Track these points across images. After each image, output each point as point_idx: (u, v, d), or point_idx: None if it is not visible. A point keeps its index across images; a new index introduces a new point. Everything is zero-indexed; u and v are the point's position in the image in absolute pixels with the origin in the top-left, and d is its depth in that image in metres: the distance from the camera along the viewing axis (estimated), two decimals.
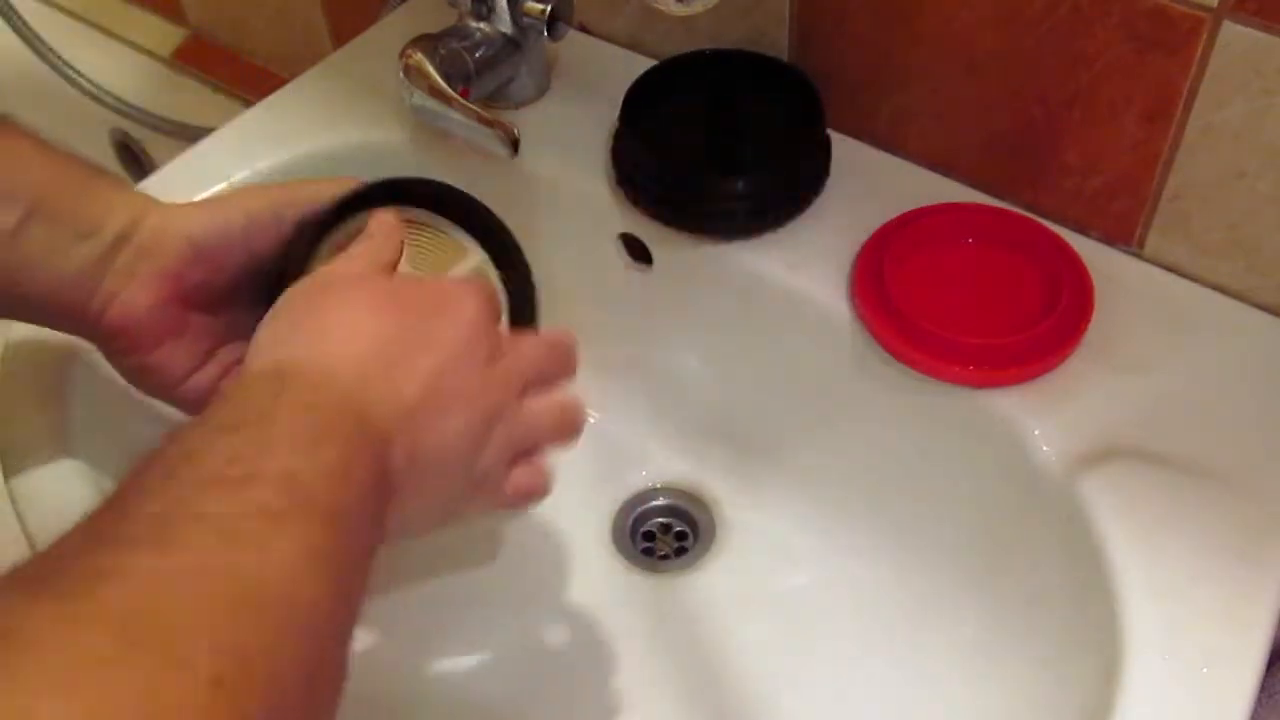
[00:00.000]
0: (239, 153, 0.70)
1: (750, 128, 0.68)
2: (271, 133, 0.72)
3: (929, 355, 0.57)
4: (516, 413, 0.45)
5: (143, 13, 1.18)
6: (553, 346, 0.48)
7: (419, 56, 0.64)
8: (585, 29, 0.77)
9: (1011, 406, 0.56)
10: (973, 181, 0.66)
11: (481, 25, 0.68)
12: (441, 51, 0.65)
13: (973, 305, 0.60)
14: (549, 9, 0.67)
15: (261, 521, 0.33)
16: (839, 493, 0.65)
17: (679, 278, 0.67)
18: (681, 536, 0.68)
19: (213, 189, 0.67)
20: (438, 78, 0.63)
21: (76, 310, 0.49)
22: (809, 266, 0.63)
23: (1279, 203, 0.56)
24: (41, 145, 0.50)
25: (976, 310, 0.59)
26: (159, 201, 0.51)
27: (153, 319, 0.49)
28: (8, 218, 0.47)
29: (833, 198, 0.66)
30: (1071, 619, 0.53)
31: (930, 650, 0.60)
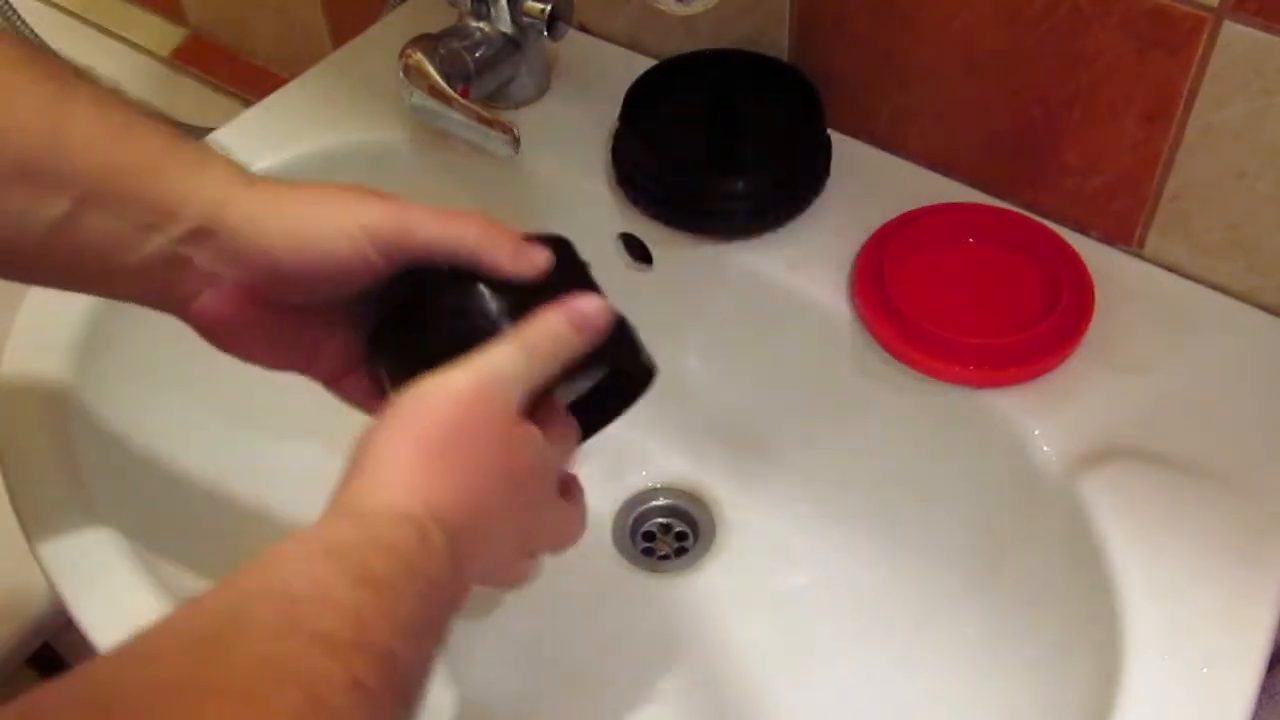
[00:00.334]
0: (239, 152, 0.69)
1: (750, 128, 0.68)
2: (271, 133, 0.71)
3: (929, 355, 0.57)
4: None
5: (143, 12, 1.18)
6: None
7: (419, 56, 0.64)
8: (585, 29, 0.77)
9: (1011, 406, 0.56)
10: (973, 181, 0.66)
11: (481, 25, 0.68)
12: (441, 51, 0.65)
13: (973, 305, 0.60)
14: (549, 9, 0.67)
15: (347, 694, 0.34)
16: (839, 493, 0.65)
17: (679, 278, 0.67)
18: (681, 536, 0.68)
19: None
20: (438, 77, 0.63)
21: (153, 297, 0.46)
22: (809, 266, 0.63)
23: (1279, 203, 0.56)
24: (103, 115, 0.44)
25: (976, 310, 0.59)
26: (244, 181, 0.45)
27: (240, 322, 0.47)
28: (56, 205, 0.42)
29: (833, 198, 0.66)
30: (1071, 619, 0.53)
31: (930, 650, 0.60)
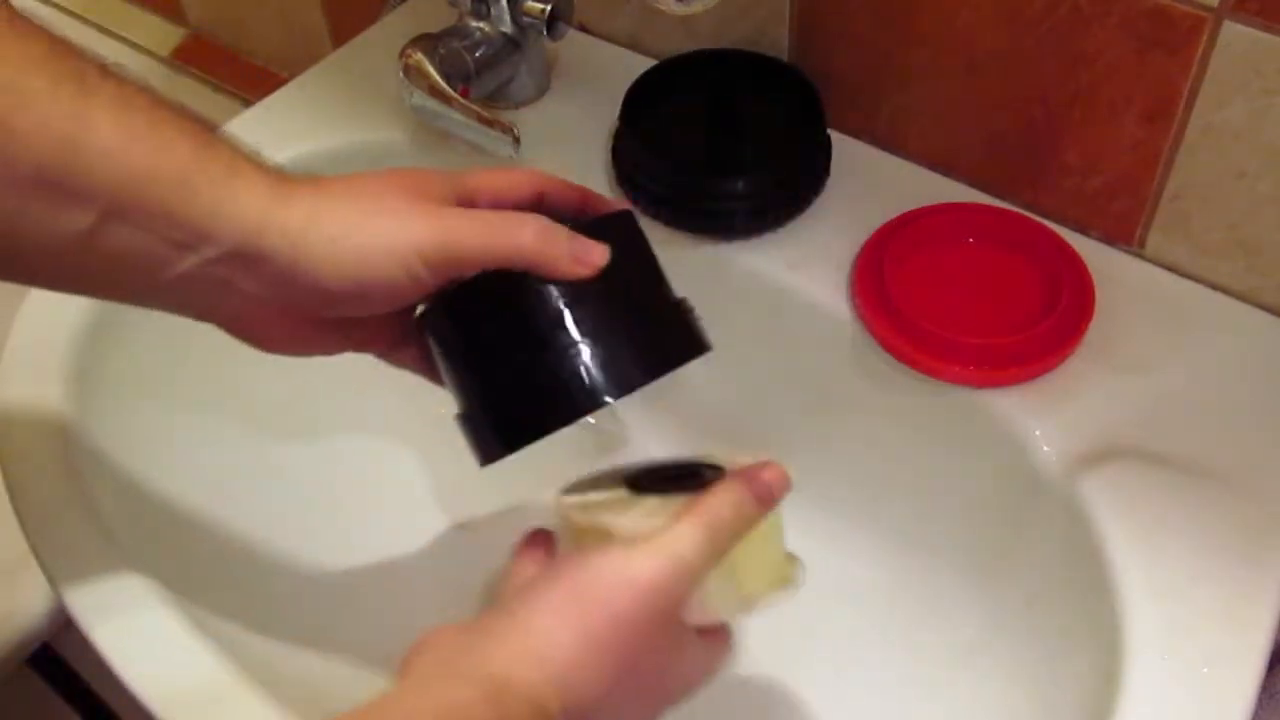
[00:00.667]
0: None
1: (750, 128, 0.68)
2: (271, 132, 0.71)
3: (929, 355, 0.57)
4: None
5: (143, 12, 1.18)
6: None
7: (419, 56, 0.64)
8: (585, 29, 0.77)
9: (1011, 406, 0.56)
10: (973, 181, 0.66)
11: (481, 25, 0.68)
12: (441, 51, 0.65)
13: (973, 305, 0.60)
14: (549, 9, 0.67)
15: None
16: (839, 492, 0.65)
17: (679, 278, 0.67)
18: None
19: None
20: (438, 77, 0.63)
21: (193, 311, 0.44)
22: (809, 266, 0.63)
23: (1279, 203, 0.56)
24: (125, 118, 0.39)
25: (976, 310, 0.59)
26: (279, 196, 0.42)
27: (285, 333, 0.45)
28: (79, 216, 0.38)
29: (833, 198, 0.66)
30: (1071, 619, 0.53)
31: (930, 650, 0.60)
